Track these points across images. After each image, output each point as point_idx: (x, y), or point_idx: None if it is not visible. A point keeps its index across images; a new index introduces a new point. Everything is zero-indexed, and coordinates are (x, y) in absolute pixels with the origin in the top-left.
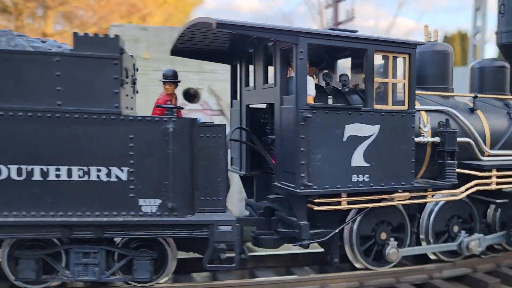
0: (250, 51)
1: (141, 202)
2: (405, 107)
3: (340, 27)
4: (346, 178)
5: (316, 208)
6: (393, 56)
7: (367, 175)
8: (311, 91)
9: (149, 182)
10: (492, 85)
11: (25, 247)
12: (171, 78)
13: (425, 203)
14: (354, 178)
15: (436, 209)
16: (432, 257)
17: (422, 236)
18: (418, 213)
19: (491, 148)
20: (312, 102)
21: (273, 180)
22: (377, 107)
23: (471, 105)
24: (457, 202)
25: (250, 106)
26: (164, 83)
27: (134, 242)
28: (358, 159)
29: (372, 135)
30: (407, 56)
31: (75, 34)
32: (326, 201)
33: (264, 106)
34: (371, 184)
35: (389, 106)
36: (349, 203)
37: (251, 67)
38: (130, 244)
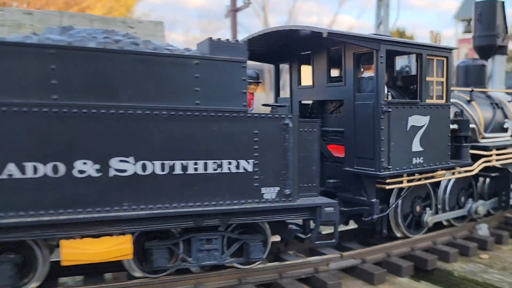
0: (304, 53)
1: (263, 190)
2: (444, 101)
3: (237, 14)
4: (408, 160)
5: (387, 187)
6: (436, 59)
7: (422, 158)
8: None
9: (269, 172)
10: (475, 80)
11: (144, 240)
12: (256, 79)
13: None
14: (413, 160)
15: (450, 184)
16: (445, 223)
17: (439, 206)
18: (436, 188)
19: (484, 132)
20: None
21: (330, 168)
22: (427, 101)
23: (467, 97)
24: (463, 178)
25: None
26: (250, 83)
27: (237, 228)
28: (416, 145)
29: (424, 124)
30: (445, 59)
31: (210, 39)
32: (393, 180)
33: (309, 102)
34: (424, 165)
35: (434, 100)
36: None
37: (303, 67)
38: (235, 230)
